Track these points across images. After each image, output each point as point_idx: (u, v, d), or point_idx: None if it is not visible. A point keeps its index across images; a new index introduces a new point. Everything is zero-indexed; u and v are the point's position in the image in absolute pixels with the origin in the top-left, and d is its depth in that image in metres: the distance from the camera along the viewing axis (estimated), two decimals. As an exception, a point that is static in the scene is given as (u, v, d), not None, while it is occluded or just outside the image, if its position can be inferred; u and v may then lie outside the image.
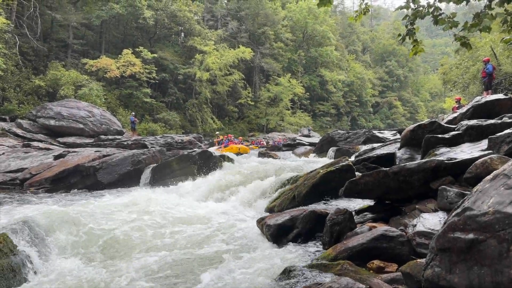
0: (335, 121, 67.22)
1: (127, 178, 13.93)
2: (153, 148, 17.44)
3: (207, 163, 16.56)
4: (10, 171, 14.57)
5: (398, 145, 9.53)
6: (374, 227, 4.75)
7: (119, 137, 23.16)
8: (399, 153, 8.49)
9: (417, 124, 8.86)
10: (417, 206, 4.91)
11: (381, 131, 25.92)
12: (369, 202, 6.48)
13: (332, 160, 11.86)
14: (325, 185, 7.55)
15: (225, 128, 48.41)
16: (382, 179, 5.19)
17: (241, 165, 16.42)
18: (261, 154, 24.39)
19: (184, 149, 21.65)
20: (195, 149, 20.52)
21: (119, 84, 36.17)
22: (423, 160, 5.18)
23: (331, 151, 18.36)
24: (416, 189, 5.08)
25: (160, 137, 24.07)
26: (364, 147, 14.89)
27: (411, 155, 8.16)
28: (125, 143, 20.85)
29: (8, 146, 18.65)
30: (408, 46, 76.97)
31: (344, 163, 7.71)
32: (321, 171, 7.77)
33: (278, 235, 5.80)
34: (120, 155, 14.90)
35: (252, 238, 6.40)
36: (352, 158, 11.06)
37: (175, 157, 16.45)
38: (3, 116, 23.66)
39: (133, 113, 29.63)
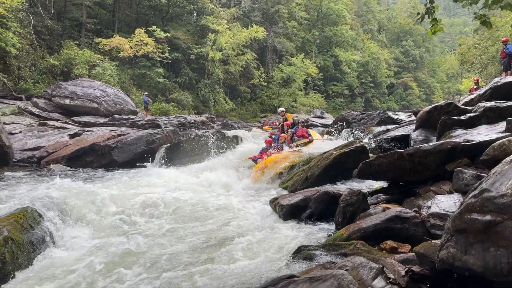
0: (348, 102, 66.42)
1: (142, 158, 14.10)
2: (166, 128, 17.56)
3: (220, 144, 16.64)
4: (28, 149, 14.88)
5: (413, 127, 9.42)
6: (388, 208, 4.75)
7: (133, 116, 23.34)
8: (414, 135, 8.41)
9: (433, 105, 8.73)
10: (431, 188, 4.89)
11: (396, 113, 25.57)
12: (382, 184, 6.47)
13: (346, 141, 11.78)
14: (338, 167, 7.54)
15: (237, 109, 48.28)
16: (396, 161, 5.16)
17: (255, 146, 16.44)
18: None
19: (197, 129, 21.76)
20: (208, 130, 20.63)
21: (132, 63, 36.19)
22: (439, 142, 5.13)
23: (345, 133, 18.21)
24: (431, 171, 5.05)
25: (173, 117, 24.18)
26: (378, 129, 14.75)
27: (426, 137, 8.07)
28: (139, 122, 21.03)
29: (24, 125, 18.97)
30: (425, 26, 75.06)
31: (358, 145, 7.68)
32: (335, 152, 7.76)
33: (291, 215, 5.86)
34: (134, 135, 15.05)
35: (264, 218, 6.48)
36: (366, 140, 10.99)
37: (189, 137, 16.57)
38: (19, 95, 23.95)
39: (146, 93, 29.71)
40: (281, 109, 14.93)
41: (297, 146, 12.03)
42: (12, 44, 23.08)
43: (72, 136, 15.82)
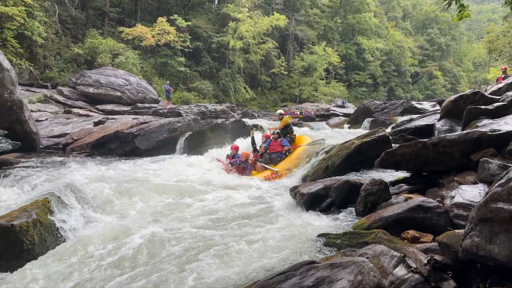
0: (371, 92, 65.34)
1: (163, 145, 14.32)
2: (187, 117, 17.72)
3: (240, 132, 16.71)
4: (53, 136, 15.30)
5: (438, 116, 9.24)
6: (410, 198, 4.70)
7: (155, 105, 23.62)
8: (438, 125, 8.25)
9: (459, 94, 8.53)
10: (455, 178, 4.81)
11: (420, 102, 25.09)
12: (405, 174, 6.39)
13: (367, 131, 11.65)
14: (359, 156, 7.48)
15: (258, 98, 48.19)
16: (420, 150, 5.08)
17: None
18: (293, 125, 24.25)
19: (218, 118, 21.88)
20: (228, 119, 20.71)
21: (154, 52, 36.51)
22: (465, 131, 5.02)
23: (367, 122, 18.04)
24: (456, 161, 4.95)
25: (194, 106, 24.35)
26: (401, 118, 14.54)
27: (451, 127, 7.92)
28: (161, 111, 21.27)
29: (50, 112, 19.48)
30: (452, 13, 72.73)
31: (380, 134, 7.57)
32: (356, 141, 7.68)
33: (311, 204, 5.86)
34: (156, 123, 15.27)
35: (285, 206, 6.52)
36: (389, 129, 10.85)
37: (209, 126, 16.69)
38: (45, 84, 24.56)
39: (168, 82, 29.98)
40: (279, 111, 12.81)
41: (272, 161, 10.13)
42: (38, 33, 23.63)
43: (96, 124, 16.16)
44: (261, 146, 10.73)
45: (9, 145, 9.88)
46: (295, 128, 17.84)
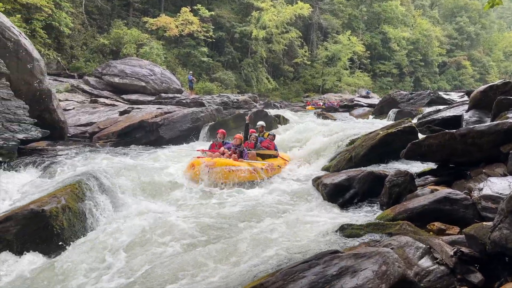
0: (396, 82, 63.94)
1: (187, 135, 14.48)
2: (210, 107, 17.83)
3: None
4: (80, 125, 15.66)
5: (466, 107, 9.00)
6: (436, 190, 4.63)
7: (179, 95, 23.82)
8: (466, 116, 8.05)
9: (489, 85, 8.29)
10: (484, 170, 4.70)
11: (447, 93, 24.45)
12: (431, 165, 6.28)
13: (392, 122, 11.46)
14: (384, 147, 7.37)
15: (280, 89, 47.94)
16: (447, 141, 4.98)
17: (297, 125, 16.40)
18: (317, 115, 24.11)
19: (240, 109, 21.92)
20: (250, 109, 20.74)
21: (178, 43, 36.72)
22: (495, 122, 4.88)
23: (392, 113, 17.70)
24: (484, 153, 4.84)
25: (217, 96, 24.44)
26: (428, 109, 14.19)
27: (479, 118, 7.71)
28: (184, 101, 21.44)
29: (77, 102, 19.94)
30: (482, 0, 70.13)
31: (406, 125, 7.45)
32: (381, 132, 7.58)
33: (334, 194, 5.84)
34: (180, 113, 15.44)
35: (307, 196, 6.51)
36: (415, 120, 10.64)
37: (232, 116, 16.76)
38: (72, 73, 25.13)
39: (191, 72, 30.15)
40: (260, 123, 11.32)
41: (259, 156, 9.49)
42: (65, 24, 24.14)
43: (122, 113, 16.45)
44: (251, 136, 9.93)
45: (38, 133, 10.17)
46: (318, 120, 17.74)
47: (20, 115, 9.71)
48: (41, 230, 4.76)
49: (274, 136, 10.64)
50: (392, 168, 6.76)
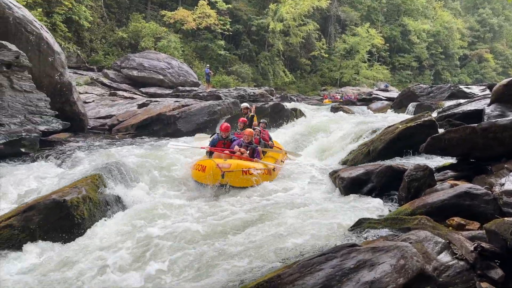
0: (416, 75, 62.85)
1: (204, 128, 14.58)
2: (227, 100, 17.88)
3: (279, 116, 16.70)
4: (100, 117, 15.94)
5: (487, 101, 8.80)
6: (456, 184, 4.55)
7: (196, 88, 23.96)
8: (488, 110, 7.86)
9: (512, 78, 8.06)
10: (505, 165, 4.61)
11: (468, 86, 23.90)
12: (451, 160, 6.17)
13: (412, 116, 11.29)
14: (403, 141, 7.29)
15: (297, 82, 47.68)
16: (468, 136, 4.89)
17: (314, 119, 16.32)
18: (333, 109, 23.91)
19: (256, 102, 21.89)
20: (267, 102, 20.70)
21: (195, 36, 36.86)
22: (518, 117, 4.76)
23: (411, 107, 17.41)
24: (507, 147, 4.74)
25: (233, 90, 24.47)
26: (448, 103, 13.93)
27: (502, 112, 7.53)
28: (201, 94, 21.56)
29: (97, 95, 20.26)
30: (507, -9, 67.96)
31: (426, 119, 7.34)
32: (400, 126, 7.48)
33: (351, 188, 5.80)
34: (197, 106, 15.55)
35: (324, 190, 6.49)
36: (435, 114, 10.47)
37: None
38: (91, 67, 25.54)
39: (208, 65, 30.24)
40: (244, 104, 10.37)
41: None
42: (85, 17, 24.49)
43: (140, 106, 16.66)
44: (254, 129, 8.70)
45: (59, 125, 10.40)
46: (335, 113, 17.45)
47: (42, 107, 9.94)
48: (63, 219, 4.87)
49: (265, 123, 9.75)
50: (410, 162, 6.68)
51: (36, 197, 5.42)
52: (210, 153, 7.64)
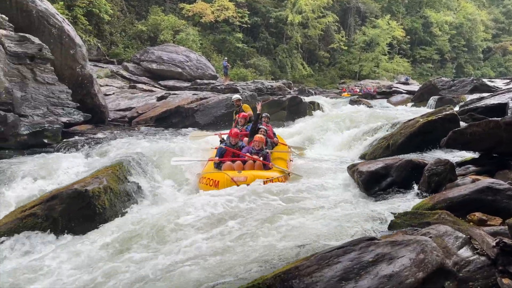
0: (437, 68, 61.54)
1: (221, 121, 14.64)
2: (244, 93, 17.89)
3: (296, 109, 16.64)
4: (120, 110, 16.20)
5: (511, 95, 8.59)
6: (478, 179, 4.47)
7: (213, 81, 24.06)
8: (512, 104, 7.68)
9: (539, 71, 7.83)
10: (530, 161, 4.49)
11: (492, 80, 23.32)
12: (472, 155, 6.06)
13: (432, 110, 11.10)
14: (424, 135, 7.18)
15: (315, 75, 47.28)
16: (492, 130, 4.77)
17: (332, 112, 16.21)
18: (352, 102, 23.68)
19: (274, 95, 21.86)
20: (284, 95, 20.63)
21: (213, 29, 36.92)
22: (545, 111, 4.63)
23: (432, 100, 17.14)
24: (532, 142, 4.61)
25: (251, 83, 24.47)
26: (470, 97, 13.64)
27: (527, 106, 7.33)
28: (219, 87, 21.63)
29: (117, 87, 20.57)
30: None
31: (448, 112, 7.21)
32: (421, 120, 7.37)
33: (370, 182, 5.73)
34: (215, 99, 15.63)
35: (342, 184, 6.44)
36: (457, 108, 10.27)
37: (266, 102, 16.74)
38: (111, 59, 25.89)
39: (226, 58, 30.29)
40: (236, 96, 9.88)
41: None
42: (105, 10, 24.82)
43: (159, 99, 16.85)
44: (260, 129, 7.81)
45: (81, 116, 10.61)
46: (354, 107, 17.22)
47: (64, 99, 10.15)
48: (84, 209, 4.99)
49: (268, 117, 8.89)
50: (431, 156, 6.57)
51: (58, 187, 5.55)
52: (217, 162, 6.98)
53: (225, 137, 7.99)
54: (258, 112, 7.92)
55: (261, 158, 6.90)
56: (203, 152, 8.35)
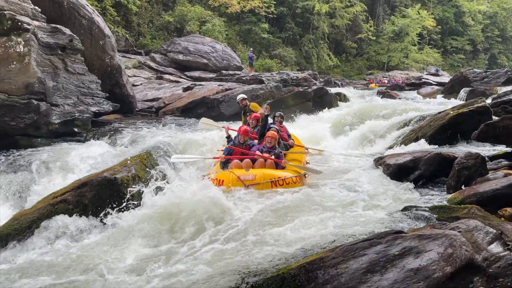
0: (469, 59, 59.48)
1: (246, 112, 14.68)
2: (269, 84, 17.86)
3: (322, 101, 16.48)
4: (147, 100, 16.49)
5: (549, 86, 8.23)
6: (510, 174, 4.33)
7: (239, 72, 24.09)
8: (549, 96, 7.36)
9: None
10: None
11: (527, 71, 22.34)
12: (505, 149, 5.86)
13: (463, 102, 10.77)
14: (454, 128, 7.01)
15: (342, 66, 46.56)
16: (526, 123, 4.61)
17: (359, 104, 15.98)
18: (380, 93, 23.26)
19: (299, 86, 21.70)
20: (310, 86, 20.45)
21: (239, 19, 36.86)
22: None
23: (463, 92, 16.63)
24: None
25: (276, 74, 24.37)
26: (504, 89, 13.17)
27: None
28: (244, 78, 21.65)
29: (144, 78, 20.90)
30: None
31: (479, 105, 7.00)
32: (452, 112, 7.18)
33: (398, 175, 5.66)
34: (240, 89, 15.67)
35: (369, 177, 6.35)
36: (489, 101, 9.94)
37: (291, 93, 16.66)
38: (139, 50, 26.26)
39: (251, 49, 30.22)
40: (241, 96, 9.45)
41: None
42: (133, 1, 25.14)
43: (185, 90, 17.03)
44: (270, 129, 6.81)
45: (110, 106, 10.85)
46: (379, 99, 16.86)
47: (93, 89, 10.40)
48: (113, 196, 5.12)
49: (282, 116, 8.14)
50: (461, 150, 6.41)
51: (88, 175, 5.72)
52: (224, 162, 6.42)
53: (233, 135, 7.39)
54: (266, 113, 6.92)
55: (273, 157, 6.23)
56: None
